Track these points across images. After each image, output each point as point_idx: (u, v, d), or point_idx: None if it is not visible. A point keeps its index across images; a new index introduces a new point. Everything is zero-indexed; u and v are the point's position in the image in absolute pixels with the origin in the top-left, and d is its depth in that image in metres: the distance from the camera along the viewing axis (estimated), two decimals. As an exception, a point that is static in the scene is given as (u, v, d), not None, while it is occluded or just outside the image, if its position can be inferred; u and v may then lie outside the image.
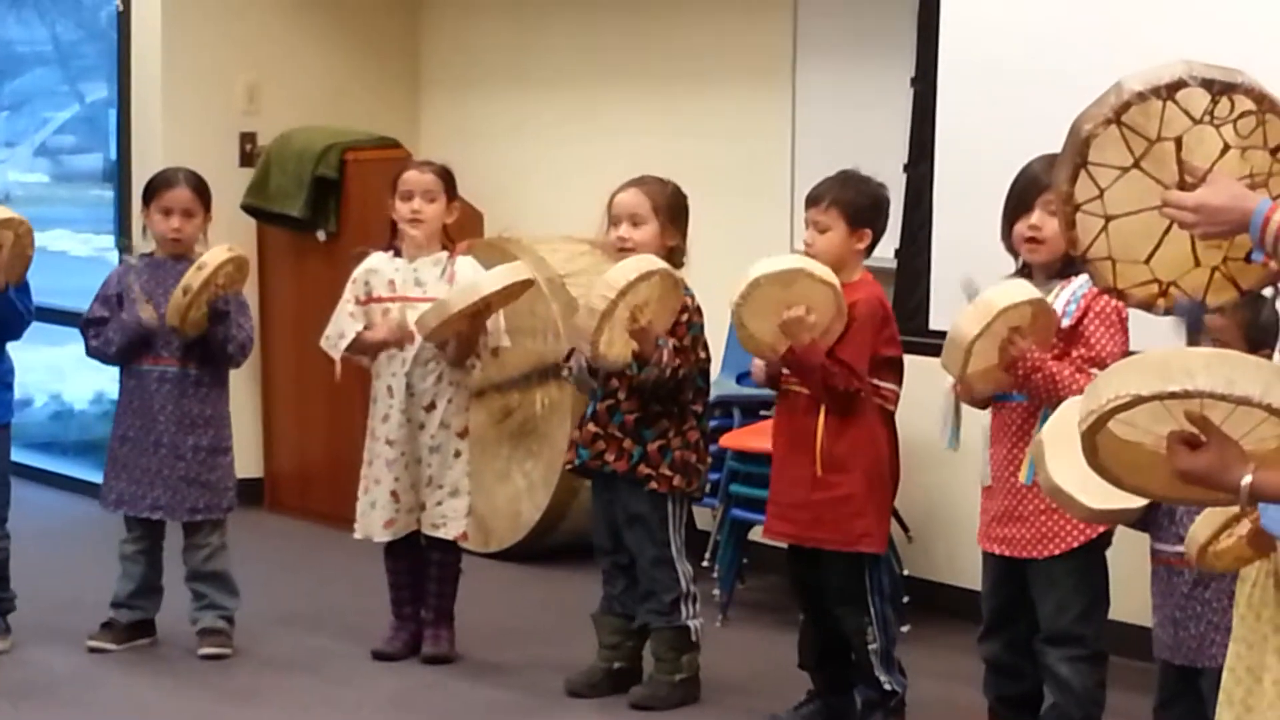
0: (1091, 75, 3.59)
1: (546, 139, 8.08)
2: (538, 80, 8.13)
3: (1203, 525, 3.84)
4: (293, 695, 5.83)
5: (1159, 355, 2.95)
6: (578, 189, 7.39)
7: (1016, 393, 4.92)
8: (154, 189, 6.14)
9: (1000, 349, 4.84)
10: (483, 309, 5.90)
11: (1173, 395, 2.90)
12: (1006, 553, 5.01)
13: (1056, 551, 4.93)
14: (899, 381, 5.36)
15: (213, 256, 5.93)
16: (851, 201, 5.33)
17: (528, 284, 6.00)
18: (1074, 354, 4.87)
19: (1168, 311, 3.43)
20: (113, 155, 9.01)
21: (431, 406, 6.04)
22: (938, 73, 6.20)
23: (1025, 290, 4.88)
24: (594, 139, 7.84)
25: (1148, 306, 3.43)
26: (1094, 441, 3.02)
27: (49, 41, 11.16)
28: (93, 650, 6.14)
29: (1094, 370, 4.71)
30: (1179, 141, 3.34)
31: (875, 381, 5.30)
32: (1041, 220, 4.91)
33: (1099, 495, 4.35)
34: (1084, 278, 4.84)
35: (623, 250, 5.64)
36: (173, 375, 6.08)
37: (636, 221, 5.66)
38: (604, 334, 5.40)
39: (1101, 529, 4.88)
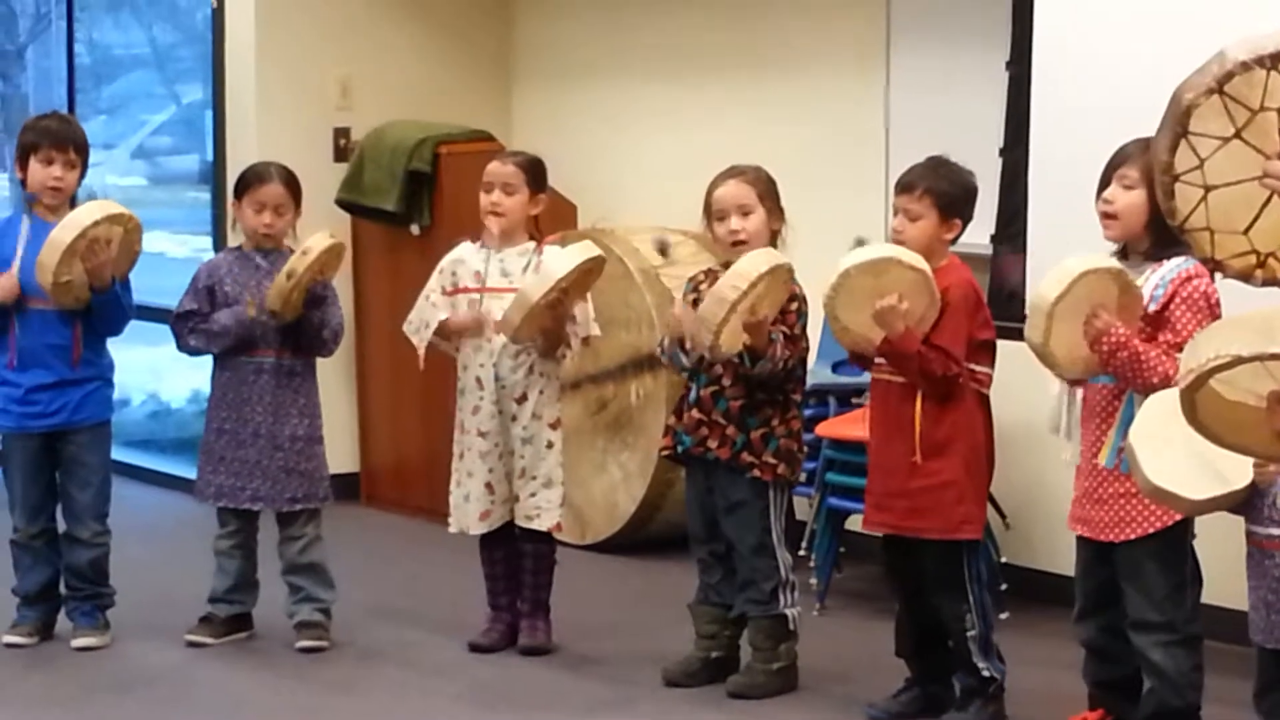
0: (1189, 54, 3.54)
1: (640, 129, 8.05)
2: (630, 70, 8.10)
3: None
4: (390, 687, 5.83)
5: (1260, 315, 2.91)
6: (671, 179, 7.37)
7: (1104, 374, 4.86)
8: (246, 183, 6.17)
9: (1085, 324, 4.78)
10: (561, 296, 5.88)
11: (1274, 357, 2.86)
12: (1086, 534, 4.99)
13: (1132, 536, 4.89)
14: (992, 364, 5.31)
15: (316, 242, 5.98)
16: (945, 191, 5.28)
17: (600, 261, 5.94)
18: (1160, 339, 4.80)
19: (1265, 283, 3.38)
20: (209, 156, 9.05)
21: (523, 399, 6.02)
22: (1032, 55, 6.13)
23: (1104, 259, 4.82)
24: (687, 129, 7.81)
25: (1245, 278, 3.39)
26: (1193, 399, 2.99)
27: (146, 44, 11.23)
28: (191, 645, 6.16)
29: (1179, 356, 4.64)
30: (1282, 112, 3.30)
31: (971, 366, 5.25)
32: (1114, 194, 4.85)
33: (1199, 485, 4.30)
34: (1174, 262, 4.78)
35: (736, 244, 5.60)
36: (269, 366, 6.10)
37: (746, 211, 5.62)
38: (728, 324, 5.37)
39: (1179, 515, 4.82)
